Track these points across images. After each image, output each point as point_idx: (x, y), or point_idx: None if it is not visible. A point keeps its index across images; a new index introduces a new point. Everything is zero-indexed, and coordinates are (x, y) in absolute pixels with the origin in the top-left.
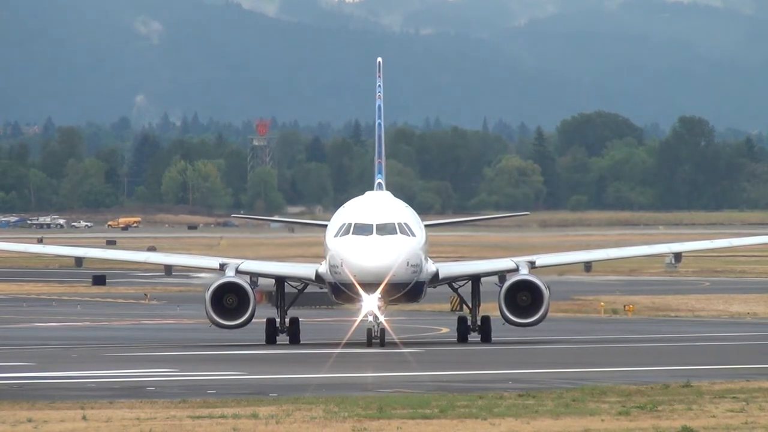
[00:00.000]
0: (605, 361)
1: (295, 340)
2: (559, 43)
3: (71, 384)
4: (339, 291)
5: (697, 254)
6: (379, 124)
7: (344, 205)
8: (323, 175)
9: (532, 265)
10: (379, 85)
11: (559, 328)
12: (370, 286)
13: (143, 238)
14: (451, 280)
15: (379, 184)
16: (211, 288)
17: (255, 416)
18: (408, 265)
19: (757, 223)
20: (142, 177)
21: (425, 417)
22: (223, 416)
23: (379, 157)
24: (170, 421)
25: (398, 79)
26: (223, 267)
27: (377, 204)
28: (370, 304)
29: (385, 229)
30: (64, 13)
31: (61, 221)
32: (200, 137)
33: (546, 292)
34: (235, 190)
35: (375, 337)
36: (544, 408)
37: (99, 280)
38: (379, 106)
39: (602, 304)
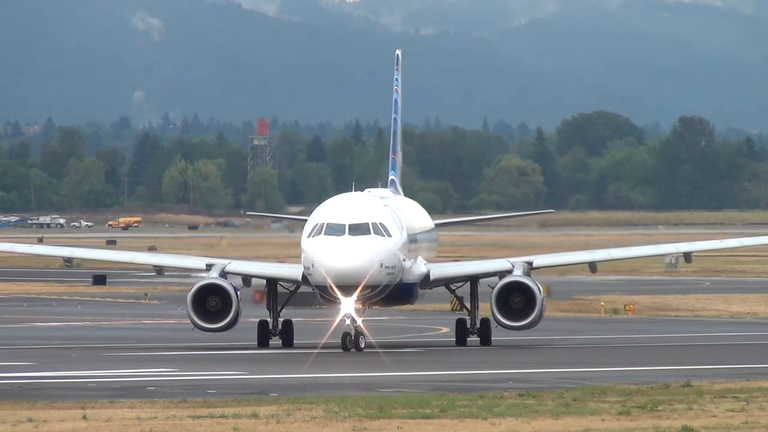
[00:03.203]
0: (605, 360)
1: (288, 342)
2: (560, 43)
3: (72, 384)
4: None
5: (706, 254)
6: (395, 118)
7: (321, 204)
8: (324, 174)
9: (530, 265)
10: (397, 79)
11: (560, 328)
12: (344, 288)
13: (144, 238)
14: (444, 282)
15: (392, 180)
16: (192, 290)
17: (255, 416)
18: (382, 266)
19: (757, 223)
20: (142, 177)
21: (425, 417)
22: (223, 416)
23: (394, 152)
24: (171, 421)
25: None
26: (209, 267)
27: (352, 204)
28: (347, 306)
29: (359, 230)
30: (64, 12)
31: (62, 221)
32: (200, 137)
33: (539, 295)
34: (236, 190)
35: (351, 341)
36: (544, 408)
37: (99, 279)
38: (396, 100)
39: (602, 303)
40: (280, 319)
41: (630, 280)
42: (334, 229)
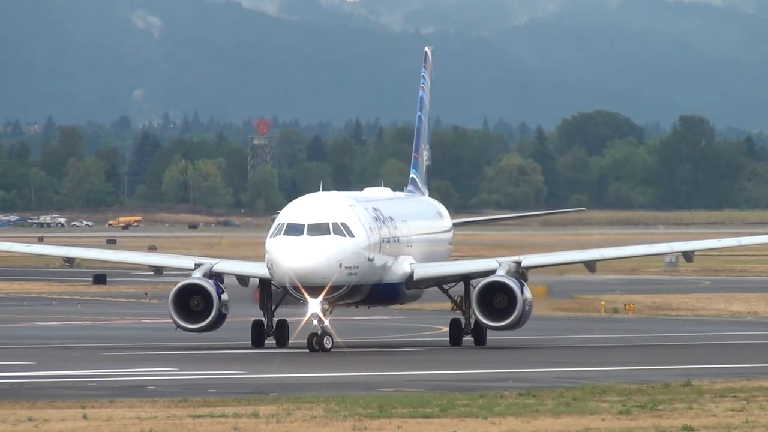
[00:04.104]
0: (606, 360)
1: (282, 342)
2: (560, 42)
3: (72, 383)
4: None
5: (704, 254)
6: (419, 116)
7: (287, 204)
8: (324, 174)
9: (518, 265)
10: (424, 76)
11: (560, 327)
12: (308, 289)
13: (144, 237)
14: (429, 282)
15: (413, 179)
16: (173, 290)
17: (255, 415)
18: (342, 266)
19: (757, 223)
20: (142, 176)
21: (426, 416)
22: (223, 415)
23: (416, 151)
24: (171, 420)
25: (398, 78)
26: (198, 267)
27: (314, 204)
28: (313, 306)
29: (318, 230)
30: (64, 11)
31: (62, 220)
32: (201, 136)
33: (520, 295)
34: (236, 189)
35: (317, 341)
36: (544, 407)
37: (99, 279)
38: (422, 98)
39: (603, 303)
40: (275, 319)
41: (630, 280)
42: (294, 229)
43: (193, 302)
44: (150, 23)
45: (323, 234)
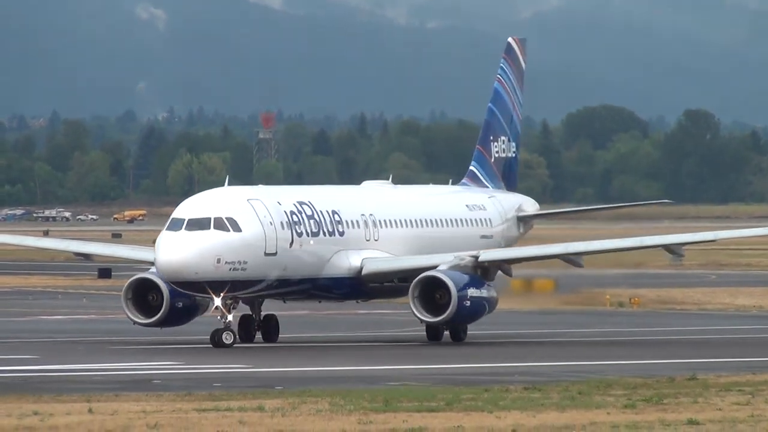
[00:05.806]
0: (611, 353)
1: (269, 337)
2: (565, 36)
3: (77, 377)
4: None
5: (708, 247)
6: (490, 108)
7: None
8: (329, 168)
9: (475, 259)
10: (502, 67)
11: (564, 321)
12: (179, 285)
13: (149, 231)
14: (380, 277)
15: (471, 171)
16: (125, 285)
17: (261, 409)
18: (220, 262)
19: (762, 216)
20: (147, 170)
21: (431, 410)
22: (228, 409)
23: (481, 143)
24: (176, 414)
25: (403, 71)
26: None
27: (202, 199)
28: (217, 300)
29: (198, 224)
30: (68, 4)
31: (67, 214)
32: (206, 130)
33: (454, 291)
34: (241, 183)
35: (218, 337)
36: (549, 401)
37: (104, 273)
38: (496, 89)
39: (608, 296)
40: (263, 314)
41: (635, 273)
42: (175, 224)
43: (149, 296)
44: (154, 15)
45: (203, 229)
